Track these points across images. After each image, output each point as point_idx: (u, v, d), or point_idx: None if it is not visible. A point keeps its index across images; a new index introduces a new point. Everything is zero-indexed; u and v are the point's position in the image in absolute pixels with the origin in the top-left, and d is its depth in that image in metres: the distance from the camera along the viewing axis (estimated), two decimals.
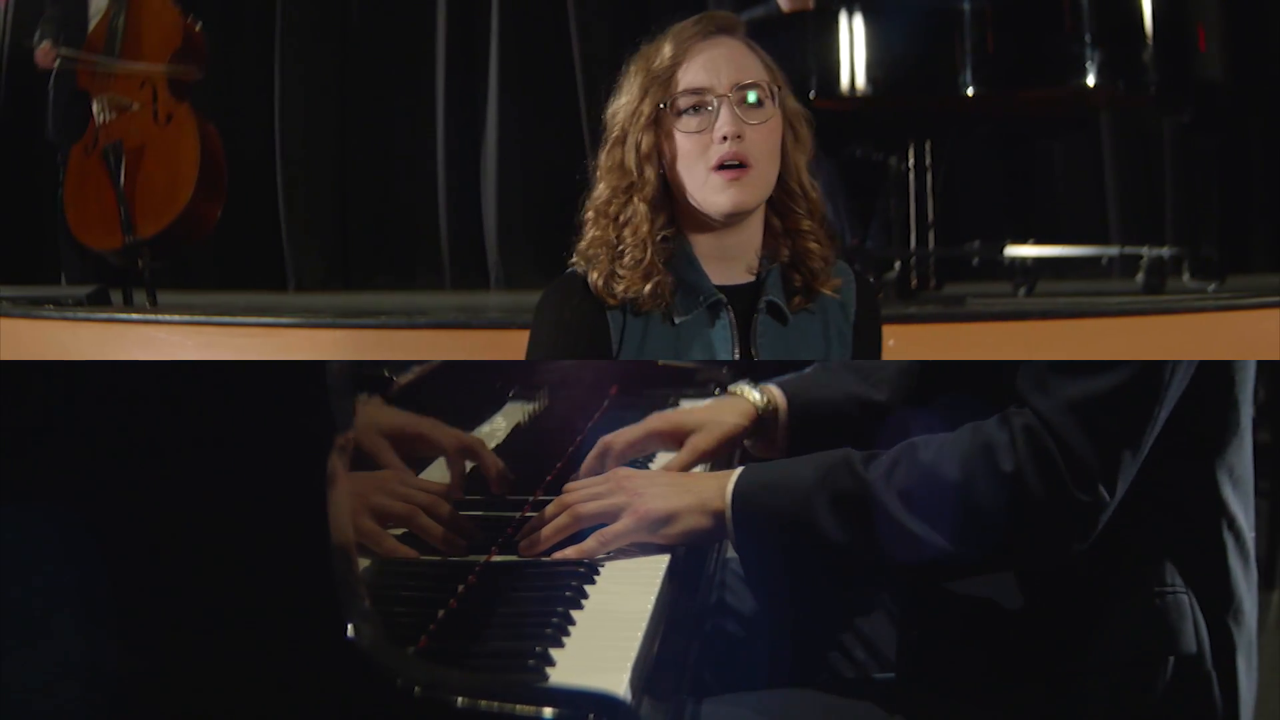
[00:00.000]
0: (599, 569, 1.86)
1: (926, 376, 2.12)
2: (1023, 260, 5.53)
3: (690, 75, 2.10)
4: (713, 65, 2.10)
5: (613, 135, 2.16)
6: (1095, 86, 4.84)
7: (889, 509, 1.77)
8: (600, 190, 2.16)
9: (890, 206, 5.56)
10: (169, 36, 5.43)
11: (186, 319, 4.58)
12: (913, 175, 5.44)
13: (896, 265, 5.44)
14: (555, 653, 1.58)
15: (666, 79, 2.11)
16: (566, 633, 1.65)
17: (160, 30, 5.44)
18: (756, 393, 2.20)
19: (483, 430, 2.11)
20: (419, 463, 1.84)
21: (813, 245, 2.17)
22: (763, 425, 2.19)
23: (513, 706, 1.44)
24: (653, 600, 1.76)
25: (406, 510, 1.75)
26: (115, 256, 5.39)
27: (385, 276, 7.78)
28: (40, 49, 5.55)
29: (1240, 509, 1.85)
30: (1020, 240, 5.58)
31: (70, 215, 5.46)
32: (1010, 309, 4.74)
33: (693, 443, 2.15)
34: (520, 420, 2.26)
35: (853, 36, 4.91)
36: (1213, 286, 4.95)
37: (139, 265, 5.31)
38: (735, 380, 2.34)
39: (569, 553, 1.89)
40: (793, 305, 2.17)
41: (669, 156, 2.12)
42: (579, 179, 2.21)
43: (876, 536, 1.78)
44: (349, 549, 1.47)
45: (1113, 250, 6.26)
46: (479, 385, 2.16)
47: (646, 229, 2.11)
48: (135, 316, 4.81)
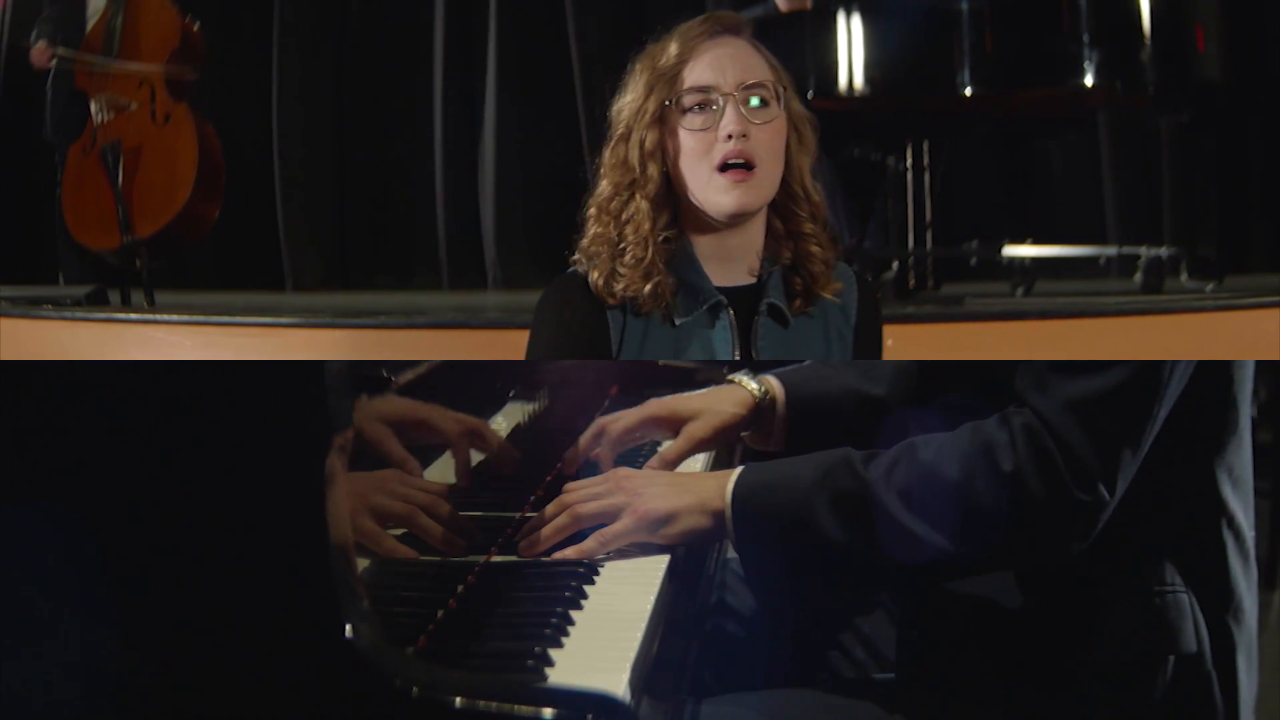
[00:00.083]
0: (598, 569, 1.85)
1: (926, 376, 2.12)
2: (1021, 260, 5.53)
3: (696, 73, 2.10)
4: (719, 64, 2.10)
5: (617, 132, 2.15)
6: (1093, 86, 4.84)
7: (889, 508, 1.77)
8: (603, 187, 2.16)
9: (888, 206, 5.56)
10: (167, 36, 5.43)
11: (185, 319, 4.58)
12: (911, 175, 5.44)
13: (894, 265, 5.43)
14: (554, 653, 1.57)
15: (672, 77, 2.10)
16: (565, 633, 1.65)
17: (158, 30, 5.44)
18: (754, 382, 2.19)
19: None
20: (423, 451, 1.84)
21: (814, 248, 2.17)
22: (760, 415, 2.19)
23: (511, 707, 1.43)
24: (652, 600, 1.75)
25: (406, 510, 1.75)
26: (113, 256, 5.39)
27: (383, 276, 7.77)
28: (36, 48, 5.55)
29: (1240, 508, 1.85)
30: (1018, 240, 5.57)
31: (68, 215, 5.46)
32: (1009, 309, 4.74)
33: (690, 430, 2.15)
34: (520, 420, 2.26)
35: (851, 36, 4.91)
36: (1211, 286, 4.95)
37: (137, 265, 5.32)
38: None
39: (569, 553, 1.88)
40: (793, 308, 2.17)
41: (673, 154, 2.12)
42: (582, 177, 2.21)
43: (876, 536, 1.78)
44: (348, 549, 1.47)
45: (1111, 250, 6.25)
46: (479, 385, 2.16)
47: (648, 227, 2.11)
48: (134, 316, 4.81)
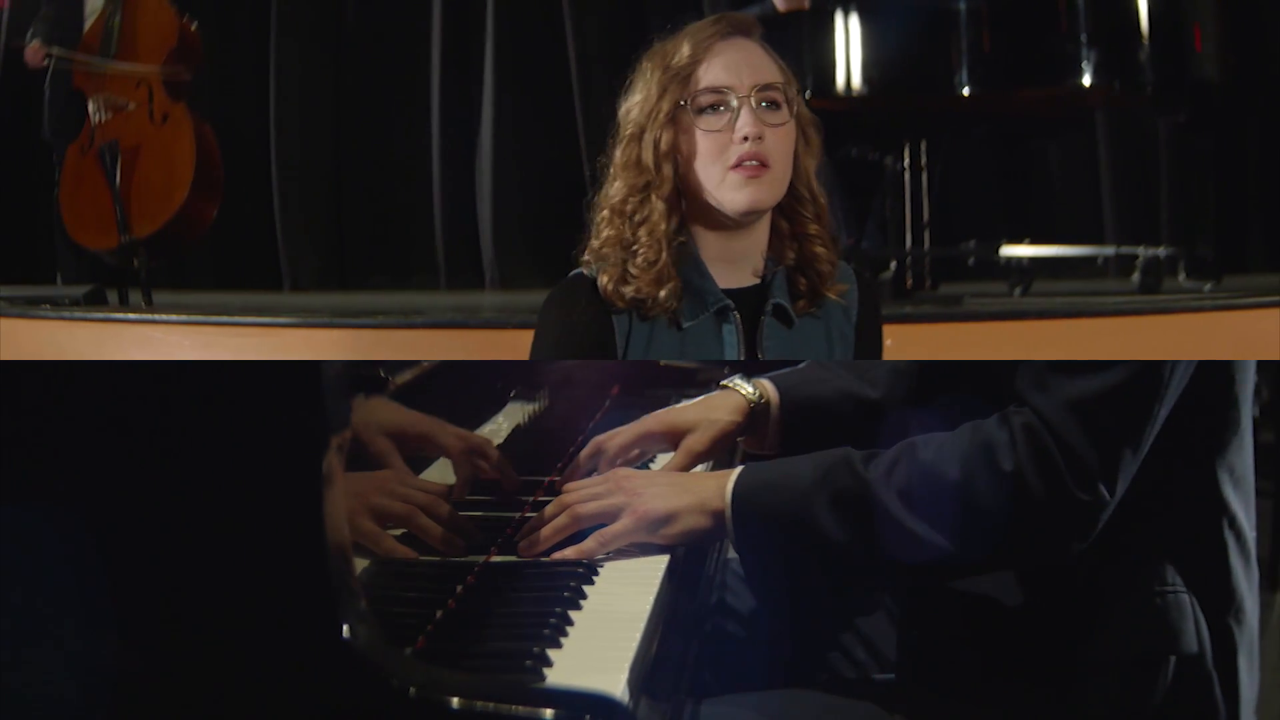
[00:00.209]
0: (598, 569, 1.85)
1: (925, 376, 2.11)
2: (1018, 260, 5.52)
3: (712, 74, 2.09)
4: (733, 65, 2.09)
5: (627, 132, 2.14)
6: (1091, 86, 4.84)
7: (889, 508, 1.77)
8: (616, 189, 2.14)
9: (886, 206, 5.57)
10: (165, 36, 5.43)
11: (184, 319, 4.58)
12: (908, 175, 5.44)
13: (892, 265, 5.44)
14: (553, 653, 1.57)
15: (686, 77, 2.10)
16: (564, 633, 1.64)
17: (156, 30, 5.43)
18: (749, 386, 2.19)
19: (485, 430, 2.10)
20: (422, 462, 1.84)
21: (820, 249, 2.16)
22: (755, 419, 2.18)
23: (509, 707, 1.43)
24: (651, 601, 1.75)
25: (405, 510, 1.75)
26: (111, 256, 5.39)
27: (380, 276, 7.77)
28: (30, 47, 5.53)
29: (1241, 508, 1.84)
30: (1016, 240, 5.57)
31: (66, 215, 5.46)
32: (1007, 309, 4.75)
33: (687, 444, 2.15)
34: (521, 420, 2.26)
35: (848, 36, 4.91)
36: (1209, 286, 4.95)
37: (135, 265, 5.31)
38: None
39: (568, 553, 1.88)
40: (798, 308, 2.17)
41: (685, 154, 2.11)
42: (579, 177, 2.21)
43: (876, 536, 1.78)
44: (345, 549, 1.47)
45: (1109, 250, 6.25)
46: (480, 385, 2.16)
47: (664, 228, 2.10)
48: (132, 316, 4.81)
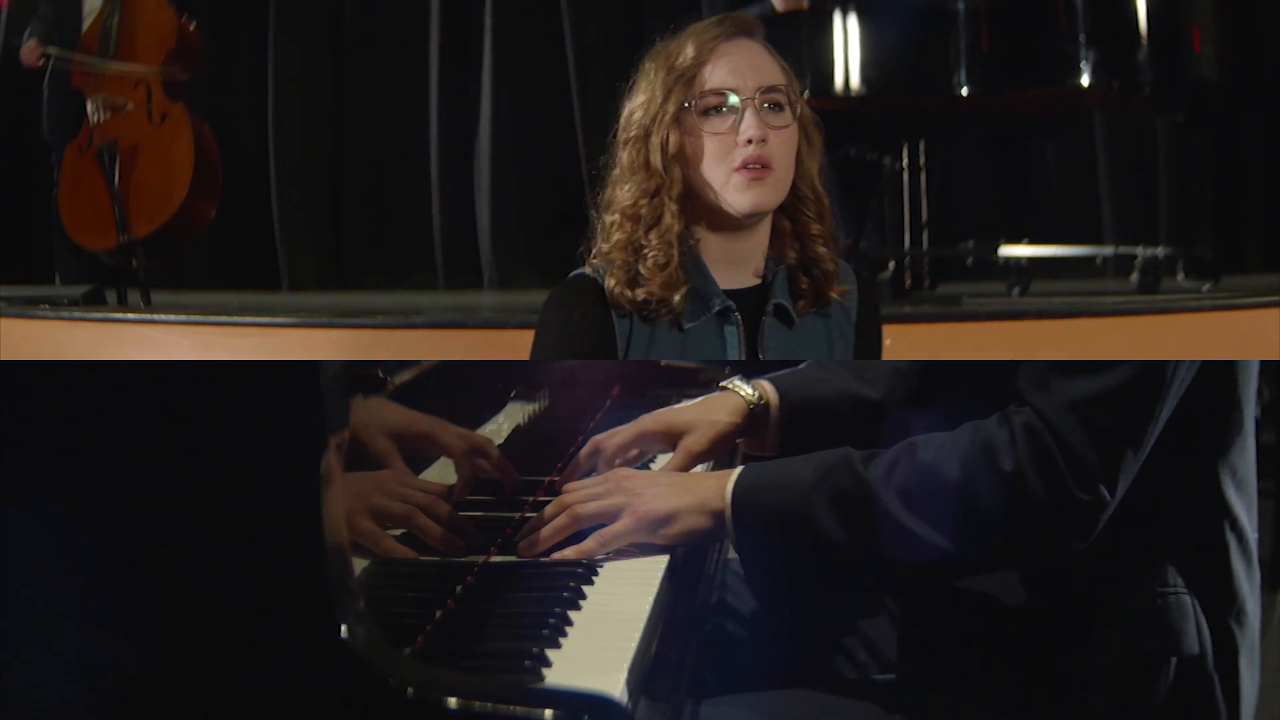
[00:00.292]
0: (597, 569, 1.85)
1: (925, 376, 2.11)
2: (1017, 260, 5.53)
3: (716, 76, 2.09)
4: (737, 67, 2.09)
5: (631, 134, 2.13)
6: (1090, 86, 4.84)
7: (889, 508, 1.77)
8: (626, 192, 2.13)
9: (884, 206, 5.57)
10: (163, 36, 5.42)
11: (183, 319, 4.58)
12: (907, 175, 5.45)
13: (890, 265, 5.44)
14: (552, 654, 1.56)
15: (690, 78, 2.09)
16: (564, 633, 1.64)
17: (155, 30, 5.43)
18: (748, 387, 2.19)
19: (485, 430, 2.10)
20: (422, 462, 1.84)
21: (822, 249, 2.17)
22: (755, 421, 2.18)
23: (507, 707, 1.43)
24: (651, 601, 1.75)
25: (405, 510, 1.75)
26: (109, 256, 5.38)
27: (378, 276, 7.76)
28: (26, 47, 5.52)
29: (1243, 510, 1.84)
30: (1014, 240, 5.58)
31: (65, 215, 5.45)
32: (1006, 309, 4.75)
33: (686, 445, 2.14)
34: (521, 420, 2.26)
35: (847, 36, 4.91)
36: (1207, 286, 4.95)
37: (133, 265, 5.31)
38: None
39: (568, 553, 1.88)
40: (799, 308, 2.16)
41: (690, 156, 2.10)
42: (577, 176, 2.20)
43: (876, 536, 1.78)
44: (344, 549, 1.46)
45: (1107, 250, 6.25)
46: (480, 385, 2.15)
47: (676, 230, 2.10)
48: (131, 316, 4.81)
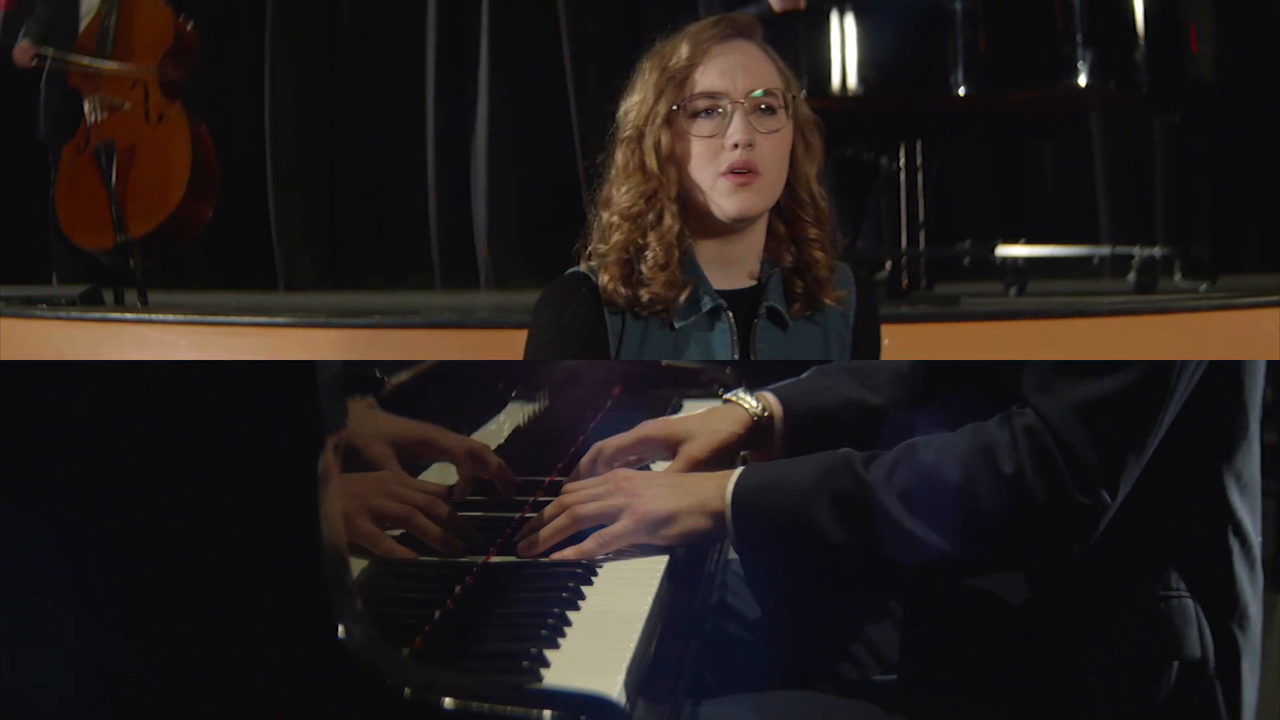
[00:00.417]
0: (596, 570, 1.85)
1: (926, 376, 2.10)
2: (1014, 260, 5.53)
3: (707, 79, 2.08)
4: (729, 70, 2.08)
5: (626, 134, 2.13)
6: (1087, 86, 4.84)
7: (889, 510, 1.76)
8: (623, 193, 2.12)
9: (881, 206, 5.58)
10: (161, 36, 5.41)
11: (180, 319, 4.58)
12: (904, 175, 5.44)
13: (887, 265, 5.44)
14: (550, 654, 1.56)
15: (682, 80, 2.09)
16: (562, 634, 1.64)
17: (152, 30, 5.42)
18: (752, 400, 2.17)
19: (486, 430, 2.10)
20: (422, 467, 1.84)
21: (818, 254, 2.16)
22: (759, 433, 2.17)
23: (505, 708, 1.43)
24: (650, 601, 1.75)
25: (404, 511, 1.75)
26: (106, 256, 5.38)
27: (375, 276, 7.75)
28: (19, 47, 5.49)
29: (1247, 514, 1.84)
30: (1011, 240, 5.58)
31: (62, 215, 5.44)
32: (1004, 309, 4.75)
33: (686, 451, 2.13)
34: (521, 421, 2.25)
35: (844, 36, 4.90)
36: (1204, 286, 4.96)
37: (130, 264, 5.30)
38: (738, 380, 2.32)
39: (568, 554, 1.88)
40: (793, 311, 2.16)
41: (680, 158, 2.10)
42: (585, 174, 2.20)
43: (876, 537, 1.78)
44: (341, 549, 1.46)
45: (1104, 250, 6.25)
46: (480, 385, 2.15)
47: (676, 231, 2.10)
48: (129, 316, 4.80)
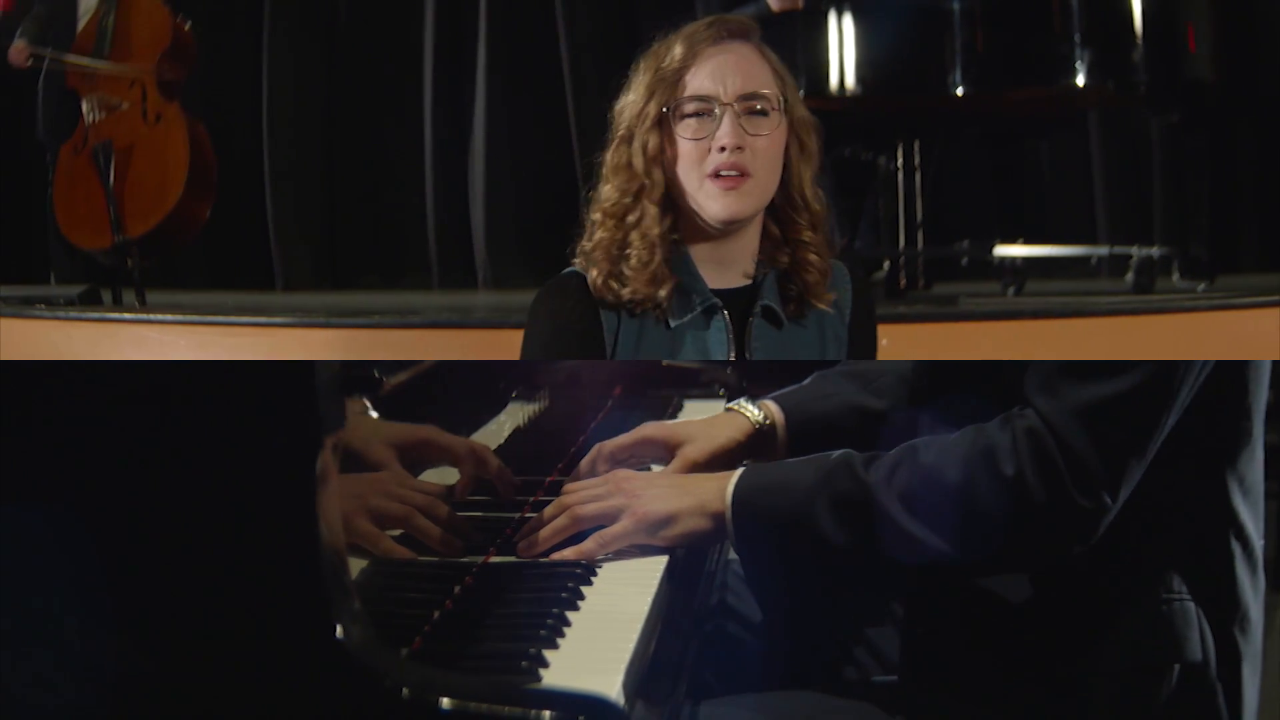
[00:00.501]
0: (596, 570, 1.85)
1: (927, 377, 2.10)
2: (1012, 260, 5.53)
3: (698, 81, 2.08)
4: (720, 72, 2.08)
5: (618, 133, 2.14)
6: (1085, 86, 4.84)
7: (889, 511, 1.76)
8: (608, 192, 2.14)
9: (879, 206, 5.58)
10: (159, 36, 5.41)
11: (179, 318, 4.58)
12: (902, 175, 5.45)
13: (885, 265, 5.44)
14: (549, 654, 1.56)
15: (674, 81, 2.09)
16: (562, 634, 1.64)
17: (150, 30, 5.42)
18: (754, 408, 2.17)
19: (487, 430, 2.10)
20: (425, 467, 1.84)
21: (812, 257, 2.16)
22: (761, 442, 2.16)
23: (502, 708, 1.43)
24: (649, 602, 1.75)
25: (403, 511, 1.74)
26: (104, 256, 5.37)
27: (373, 276, 7.75)
28: (14, 47, 5.49)
29: (1249, 518, 1.83)
30: (1009, 240, 5.58)
31: (60, 215, 5.44)
32: (1002, 309, 4.75)
33: (685, 454, 2.13)
34: (522, 421, 2.25)
35: (842, 36, 4.90)
36: (1202, 286, 4.95)
37: (128, 264, 5.30)
38: (739, 381, 2.31)
39: (568, 554, 1.88)
40: (788, 311, 2.16)
41: (670, 159, 2.10)
42: (572, 176, 2.20)
43: (877, 538, 1.77)
44: (339, 549, 1.46)
45: (1102, 250, 6.26)
46: (481, 386, 2.15)
47: (657, 231, 2.10)
48: (127, 316, 4.80)
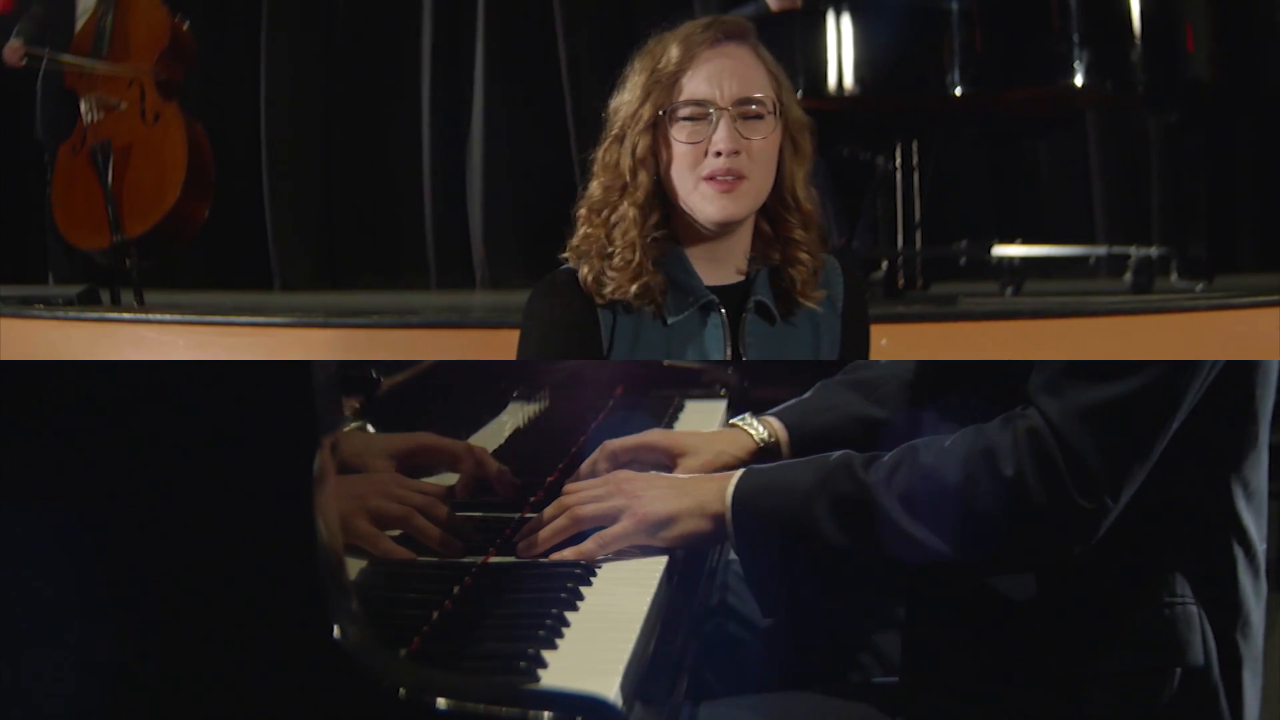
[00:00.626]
0: (596, 570, 1.84)
1: (926, 377, 2.10)
2: (1010, 260, 5.54)
3: (693, 84, 2.08)
4: (716, 76, 2.08)
5: (611, 132, 2.14)
6: (1083, 86, 4.84)
7: (890, 512, 1.76)
8: (594, 188, 2.15)
9: (877, 206, 5.58)
10: (157, 36, 5.41)
11: (177, 318, 4.57)
12: (900, 175, 5.46)
13: (883, 265, 5.45)
14: (548, 655, 1.56)
15: (670, 84, 2.09)
16: (561, 634, 1.63)
17: (148, 30, 5.42)
18: (759, 426, 2.17)
19: (487, 430, 2.10)
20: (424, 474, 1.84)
21: (803, 255, 2.16)
22: (764, 460, 2.13)
23: (500, 709, 1.42)
24: (649, 602, 1.74)
25: (403, 512, 1.74)
26: (103, 256, 5.37)
27: (371, 276, 7.75)
28: (9, 47, 5.48)
29: (1253, 523, 1.83)
30: (1007, 240, 5.59)
31: (58, 215, 5.44)
32: (1001, 309, 4.75)
33: (686, 465, 2.13)
34: (522, 421, 2.25)
35: (840, 36, 4.91)
36: (1201, 286, 4.96)
37: (126, 264, 5.30)
38: (739, 382, 2.31)
39: (567, 554, 1.87)
40: (780, 307, 2.16)
41: (664, 160, 2.11)
42: (570, 176, 2.21)
43: (877, 539, 1.77)
44: (337, 549, 1.46)
45: (1101, 250, 6.26)
46: (481, 386, 2.15)
47: (635, 233, 2.10)
48: (125, 316, 4.80)
